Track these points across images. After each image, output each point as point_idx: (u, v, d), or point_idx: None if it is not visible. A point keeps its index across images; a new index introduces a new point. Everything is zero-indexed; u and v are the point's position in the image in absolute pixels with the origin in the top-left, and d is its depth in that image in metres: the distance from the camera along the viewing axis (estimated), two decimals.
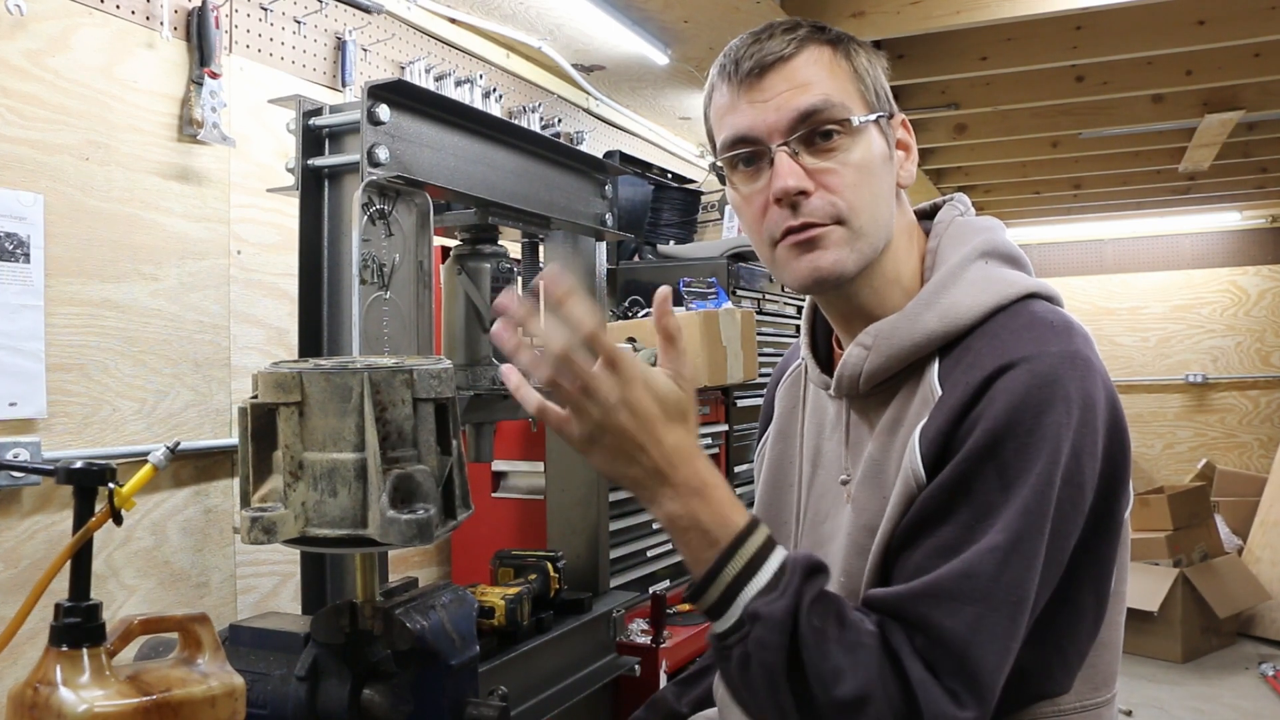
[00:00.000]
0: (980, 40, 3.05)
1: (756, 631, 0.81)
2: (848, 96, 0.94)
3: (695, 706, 1.25)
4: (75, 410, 1.55)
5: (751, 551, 0.83)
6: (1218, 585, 4.39)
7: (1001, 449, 0.83)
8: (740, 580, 0.82)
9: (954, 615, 0.80)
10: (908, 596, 0.83)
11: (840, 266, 0.93)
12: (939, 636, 0.80)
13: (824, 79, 0.93)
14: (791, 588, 0.81)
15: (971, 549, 0.82)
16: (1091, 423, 0.85)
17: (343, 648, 1.03)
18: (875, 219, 0.94)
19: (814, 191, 0.92)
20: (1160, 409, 6.82)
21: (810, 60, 0.94)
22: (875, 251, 0.95)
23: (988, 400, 0.85)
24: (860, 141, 0.94)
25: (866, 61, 0.97)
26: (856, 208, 0.93)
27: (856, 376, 0.97)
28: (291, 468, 0.89)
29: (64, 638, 0.85)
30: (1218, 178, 5.04)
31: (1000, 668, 0.81)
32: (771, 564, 0.83)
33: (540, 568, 1.68)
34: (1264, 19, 2.75)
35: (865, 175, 0.93)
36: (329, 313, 1.39)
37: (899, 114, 1.00)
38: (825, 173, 0.92)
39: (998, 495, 0.83)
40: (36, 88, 1.51)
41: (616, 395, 0.81)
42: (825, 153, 0.93)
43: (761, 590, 0.82)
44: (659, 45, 2.68)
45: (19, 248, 1.46)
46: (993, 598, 0.81)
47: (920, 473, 0.87)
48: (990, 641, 0.80)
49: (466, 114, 1.48)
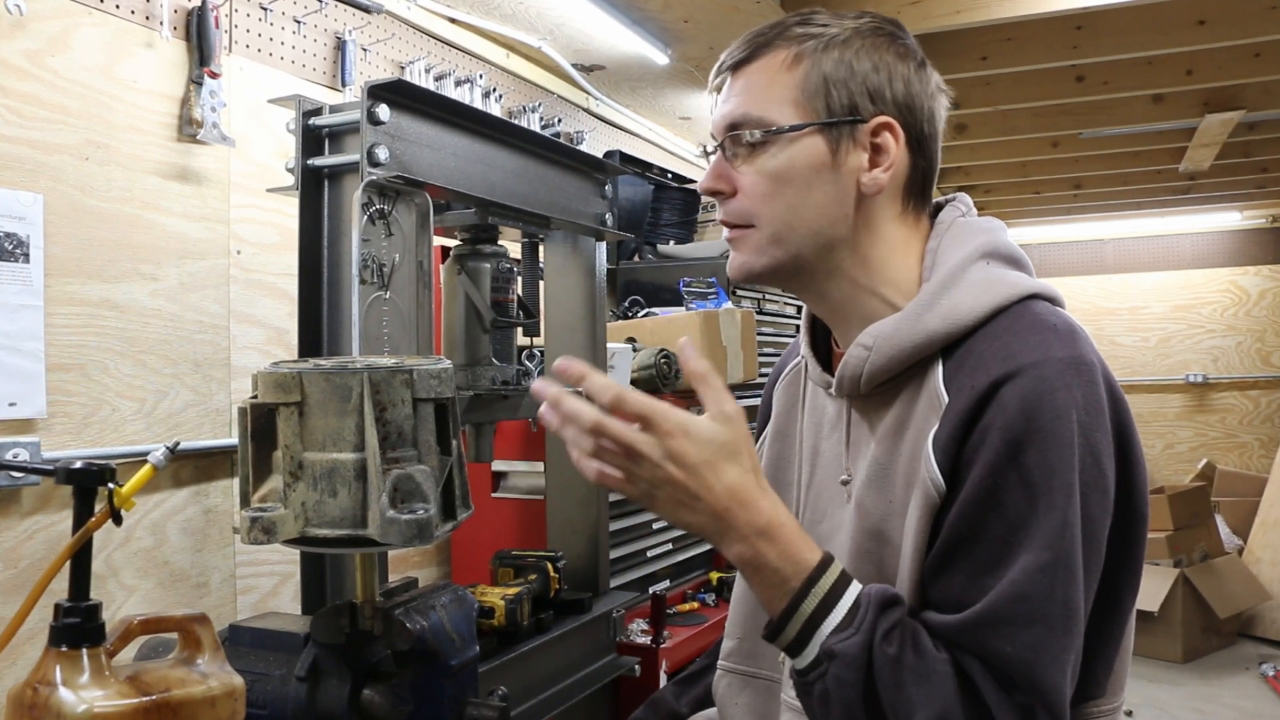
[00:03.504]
0: (980, 40, 3.05)
1: (834, 669, 0.82)
2: (777, 106, 0.94)
3: (695, 706, 1.25)
4: (75, 410, 1.55)
5: (825, 589, 0.85)
6: (1218, 585, 4.39)
7: (1022, 457, 0.84)
8: (816, 618, 0.84)
9: (1015, 640, 0.81)
10: (967, 627, 0.84)
11: (747, 268, 0.99)
12: (1003, 663, 0.82)
13: (758, 88, 0.96)
14: (866, 623, 0.83)
15: (1017, 568, 0.83)
16: (1103, 426, 0.86)
17: (343, 648, 1.03)
18: (790, 226, 0.96)
19: (732, 194, 0.98)
20: (1160, 409, 6.82)
21: (759, 68, 0.96)
22: (793, 256, 0.97)
23: (997, 407, 0.85)
24: (784, 151, 0.94)
25: (845, 64, 0.95)
26: (764, 215, 0.96)
27: (858, 377, 0.97)
28: (291, 468, 0.89)
29: (64, 638, 0.85)
30: (1218, 178, 5.04)
31: (1067, 683, 0.83)
32: (846, 600, 0.85)
33: (540, 568, 1.68)
34: (1264, 19, 2.75)
35: (780, 184, 0.95)
36: (329, 313, 1.39)
37: (881, 117, 0.95)
38: (742, 177, 0.97)
39: (1027, 507, 0.84)
40: (36, 87, 1.51)
41: (659, 451, 0.82)
42: (749, 160, 0.96)
43: (836, 627, 0.83)
44: (659, 45, 2.68)
45: (18, 248, 1.46)
46: (1050, 617, 0.82)
47: (940, 482, 0.87)
48: (1053, 660, 0.81)
49: (466, 114, 1.48)
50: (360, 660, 1.03)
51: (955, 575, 0.86)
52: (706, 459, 0.83)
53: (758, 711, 1.10)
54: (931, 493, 0.87)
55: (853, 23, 0.97)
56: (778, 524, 0.86)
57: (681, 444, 0.82)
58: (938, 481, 0.87)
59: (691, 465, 0.82)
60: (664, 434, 0.82)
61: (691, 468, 0.82)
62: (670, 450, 0.82)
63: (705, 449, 0.83)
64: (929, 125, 0.98)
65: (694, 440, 0.83)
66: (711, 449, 0.83)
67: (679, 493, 0.83)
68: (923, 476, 0.88)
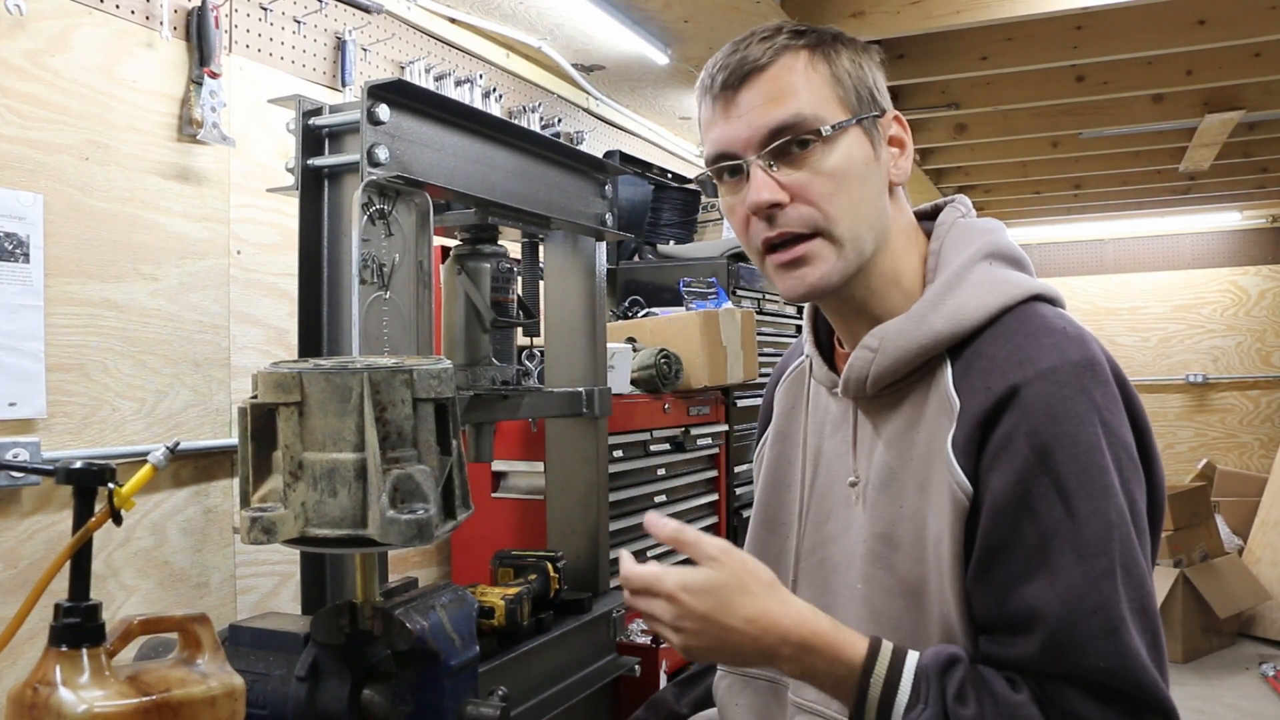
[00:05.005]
0: (980, 40, 3.05)
1: None
2: (822, 104, 0.93)
3: (695, 707, 1.25)
4: (75, 410, 1.55)
5: (883, 676, 0.86)
6: (1218, 585, 4.39)
7: (1052, 463, 0.84)
8: (884, 708, 0.85)
9: (1103, 654, 0.82)
10: (1049, 654, 0.83)
11: (827, 280, 0.95)
12: (1099, 677, 0.82)
13: (797, 89, 0.93)
14: (933, 694, 0.84)
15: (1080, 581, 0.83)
16: (1124, 422, 0.88)
17: (343, 648, 1.03)
18: (857, 224, 0.94)
19: (788, 203, 0.93)
20: (1160, 409, 6.81)
21: (785, 70, 0.94)
22: (863, 256, 0.96)
23: (1019, 412, 0.86)
24: (836, 148, 0.93)
25: (850, 62, 0.96)
26: (833, 216, 0.93)
27: (864, 379, 0.97)
28: (291, 468, 0.89)
29: (64, 638, 0.85)
30: (1218, 178, 5.04)
31: (1160, 677, 0.83)
32: (907, 678, 0.85)
33: (540, 568, 1.68)
34: (1264, 19, 2.75)
35: (841, 182, 0.93)
36: (329, 313, 1.39)
37: (890, 111, 0.99)
38: (800, 183, 0.93)
39: (1063, 512, 0.84)
40: (36, 87, 1.51)
41: (669, 613, 0.89)
42: (799, 163, 0.93)
43: (907, 707, 0.84)
44: (659, 45, 2.68)
45: (18, 248, 1.46)
46: (1126, 619, 0.82)
47: (967, 486, 0.88)
48: (1142, 661, 0.82)
49: (466, 114, 1.48)
50: (360, 660, 1.03)
51: (993, 585, 0.86)
52: (713, 605, 0.88)
53: (758, 712, 1.10)
54: (960, 497, 0.88)
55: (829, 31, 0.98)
56: (810, 633, 0.88)
57: (685, 601, 0.88)
58: (965, 486, 0.87)
59: (702, 615, 0.88)
60: (667, 596, 0.89)
61: (703, 617, 0.88)
62: (680, 610, 0.88)
63: (707, 598, 0.88)
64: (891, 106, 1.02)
65: (693, 593, 0.88)
66: (713, 595, 0.88)
67: (710, 640, 0.88)
68: (948, 482, 0.89)
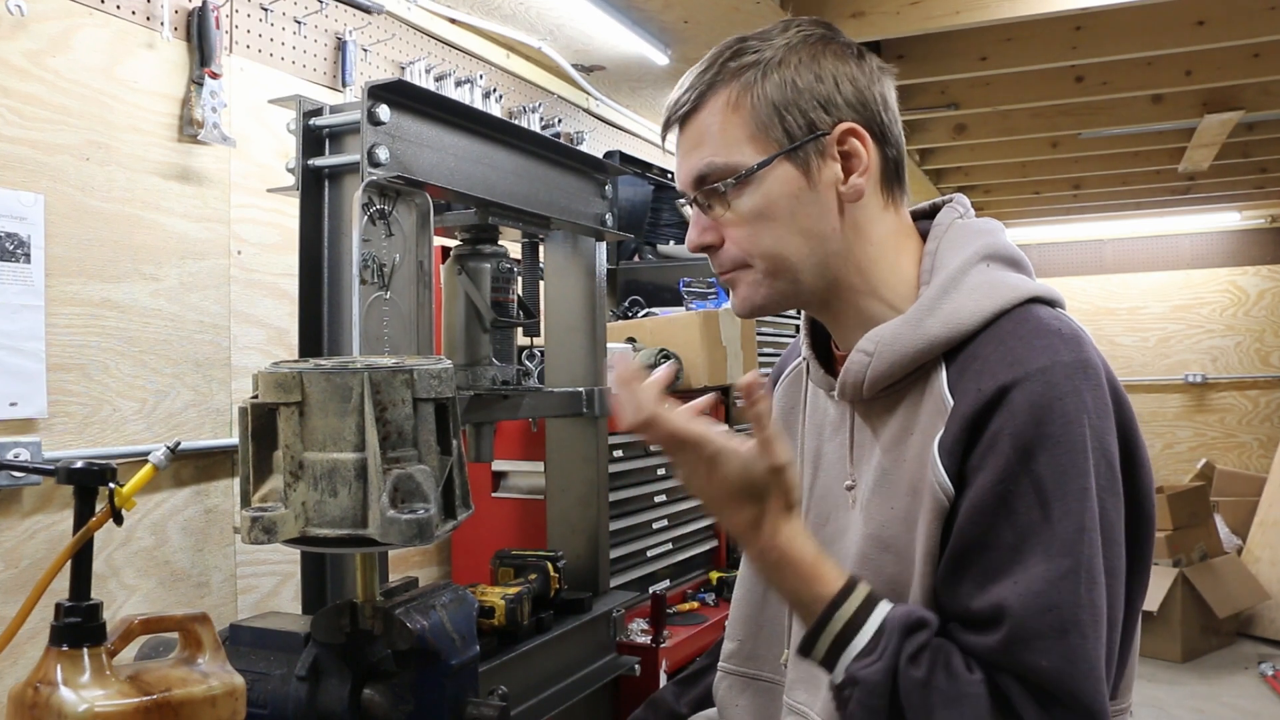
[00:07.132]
0: (980, 40, 3.05)
1: (858, 695, 0.83)
2: (734, 147, 0.94)
3: (695, 706, 1.25)
4: (75, 410, 1.55)
5: (848, 616, 0.86)
6: (1217, 585, 4.40)
7: (1034, 464, 0.84)
8: (839, 645, 0.85)
9: (1049, 653, 0.81)
10: (1000, 646, 0.83)
11: (750, 302, 1.00)
12: (1040, 678, 0.81)
13: (712, 136, 0.95)
14: (890, 649, 0.83)
15: (1038, 578, 0.83)
16: (1111, 429, 0.87)
17: (343, 648, 1.03)
18: (784, 258, 0.96)
19: (720, 243, 0.99)
20: (1160, 409, 6.82)
21: (707, 113, 0.96)
22: (795, 283, 0.97)
23: (1006, 413, 0.85)
24: (755, 189, 0.95)
25: (785, 87, 0.94)
26: (754, 253, 0.97)
27: (860, 383, 0.97)
28: (292, 468, 0.89)
29: (64, 637, 0.85)
30: (1217, 178, 5.04)
31: (1103, 688, 0.83)
32: (870, 625, 0.85)
33: (540, 568, 1.68)
34: (1264, 19, 2.75)
35: (761, 221, 0.95)
36: (329, 313, 1.39)
37: (843, 125, 0.94)
38: (725, 224, 0.98)
39: (1039, 514, 0.84)
40: (37, 88, 1.51)
41: (694, 476, 0.88)
42: (725, 203, 0.96)
43: (860, 653, 0.84)
44: (659, 45, 2.68)
45: (19, 248, 1.46)
46: (1080, 624, 0.82)
47: (948, 486, 0.87)
48: (1089, 669, 0.81)
49: (467, 114, 1.48)
50: (360, 660, 1.04)
51: (964, 583, 0.86)
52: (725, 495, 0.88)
53: (758, 713, 1.10)
54: (940, 497, 0.87)
55: (783, 39, 0.96)
56: (796, 558, 0.87)
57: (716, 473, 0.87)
58: (946, 486, 0.87)
59: (710, 498, 0.88)
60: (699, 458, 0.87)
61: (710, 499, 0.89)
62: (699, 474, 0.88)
63: (727, 487, 0.87)
64: (885, 112, 0.98)
65: (719, 476, 0.87)
66: (733, 488, 0.87)
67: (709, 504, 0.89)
68: (930, 482, 0.88)
